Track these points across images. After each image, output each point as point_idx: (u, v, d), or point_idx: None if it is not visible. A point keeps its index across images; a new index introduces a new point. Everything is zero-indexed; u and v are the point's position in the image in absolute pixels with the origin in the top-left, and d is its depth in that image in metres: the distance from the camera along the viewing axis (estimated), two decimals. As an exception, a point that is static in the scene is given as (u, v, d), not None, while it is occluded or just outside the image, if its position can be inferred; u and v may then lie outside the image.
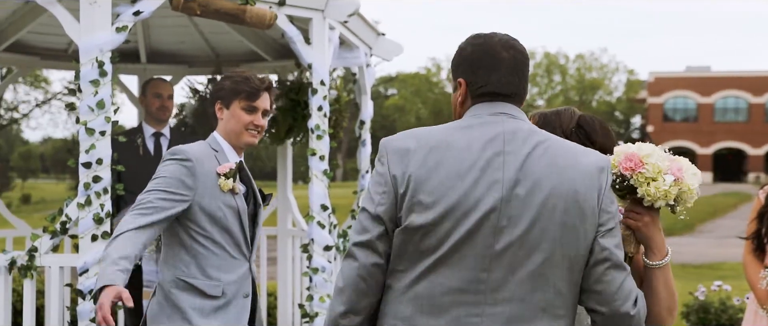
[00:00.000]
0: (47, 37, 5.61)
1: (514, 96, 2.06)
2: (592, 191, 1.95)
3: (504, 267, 1.92)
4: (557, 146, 1.99)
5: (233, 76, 3.06)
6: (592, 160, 2.00)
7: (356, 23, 4.95)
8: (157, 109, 4.89)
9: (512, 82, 2.05)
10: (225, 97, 3.03)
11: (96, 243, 3.73)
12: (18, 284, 5.36)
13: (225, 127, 3.04)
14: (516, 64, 2.06)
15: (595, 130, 2.35)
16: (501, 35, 2.09)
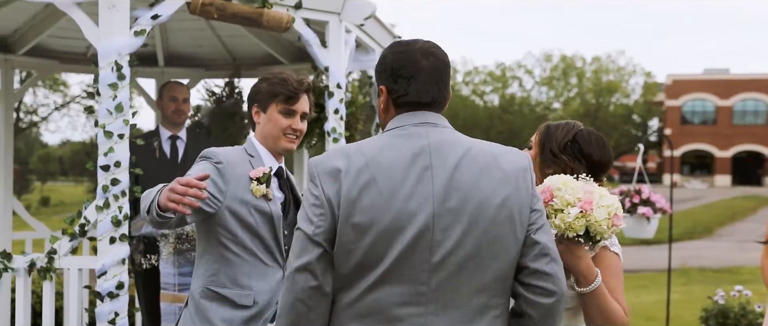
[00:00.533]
0: (66, 40, 5.66)
1: (434, 103, 2.11)
2: (518, 193, 2.02)
3: (442, 278, 1.97)
4: (481, 154, 2.04)
5: (270, 78, 2.92)
6: (514, 162, 2.06)
7: (372, 26, 4.95)
8: (173, 112, 4.91)
9: (431, 90, 2.10)
10: (262, 100, 2.91)
11: (114, 245, 3.75)
12: (37, 285, 5.42)
13: (262, 131, 2.92)
14: (435, 72, 2.10)
15: (591, 144, 2.44)
16: (422, 43, 2.13)
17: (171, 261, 4.13)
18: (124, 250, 3.77)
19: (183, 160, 4.90)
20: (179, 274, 4.13)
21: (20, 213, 5.76)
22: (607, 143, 2.49)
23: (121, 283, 3.75)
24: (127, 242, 3.82)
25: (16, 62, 5.70)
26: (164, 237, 4.11)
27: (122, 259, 3.76)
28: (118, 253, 3.75)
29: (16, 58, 5.63)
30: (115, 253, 3.74)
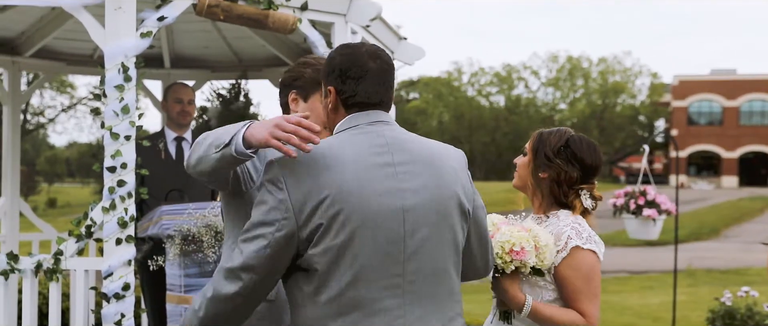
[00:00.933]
0: (73, 42, 5.68)
1: (381, 104, 2.19)
2: (464, 187, 2.19)
3: (414, 270, 2.08)
4: (434, 150, 2.19)
5: (314, 64, 2.62)
6: (459, 159, 2.24)
7: (378, 28, 4.95)
8: (178, 113, 4.92)
9: (379, 91, 2.17)
10: (304, 87, 2.62)
11: (120, 246, 3.76)
12: (44, 287, 5.44)
13: None
14: (382, 74, 2.17)
15: (582, 149, 2.54)
16: (368, 46, 2.21)
17: (177, 263, 4.13)
18: (130, 251, 3.78)
19: (188, 162, 4.91)
20: (185, 275, 4.14)
21: (27, 215, 5.79)
22: (598, 148, 2.59)
23: (128, 284, 3.76)
24: (133, 243, 3.83)
25: (23, 64, 5.72)
26: (170, 238, 4.11)
27: (128, 260, 3.77)
28: (124, 255, 3.76)
29: (23, 60, 5.65)
30: (122, 255, 3.75)
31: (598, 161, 2.56)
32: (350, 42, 2.28)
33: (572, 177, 2.52)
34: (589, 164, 2.54)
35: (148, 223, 4.26)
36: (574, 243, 2.44)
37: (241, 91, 5.76)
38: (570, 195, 2.54)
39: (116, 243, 3.75)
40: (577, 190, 2.54)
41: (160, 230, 4.14)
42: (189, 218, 4.07)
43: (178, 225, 4.07)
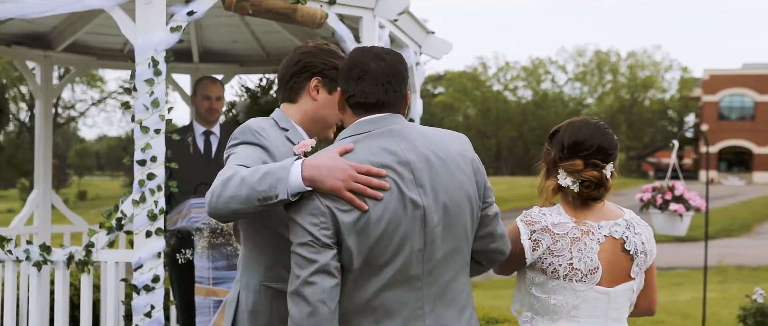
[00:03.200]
0: (103, 37, 5.74)
1: (380, 105, 2.18)
2: (474, 181, 2.23)
3: (431, 268, 2.14)
4: (444, 143, 2.21)
5: (344, 58, 2.45)
6: (464, 152, 2.24)
7: (406, 21, 4.94)
8: (206, 110, 4.95)
9: (376, 92, 2.18)
10: (335, 78, 2.44)
11: (150, 239, 3.80)
12: (75, 278, 5.52)
13: (316, 111, 2.46)
14: (382, 75, 2.17)
15: (566, 128, 2.48)
16: (377, 48, 2.24)
17: (206, 255, 4.17)
18: (159, 244, 3.82)
19: (217, 155, 4.94)
20: (214, 268, 4.17)
21: (59, 207, 5.87)
22: (598, 128, 2.45)
23: (157, 276, 3.80)
24: (163, 236, 3.86)
25: (55, 58, 5.80)
26: (199, 231, 4.15)
27: (158, 253, 3.81)
28: (154, 247, 3.80)
29: (54, 55, 5.73)
30: (151, 247, 3.79)
31: (580, 137, 2.42)
32: (365, 46, 2.29)
33: (552, 157, 2.47)
34: (568, 142, 2.43)
35: (177, 216, 4.31)
36: None
37: (271, 86, 5.78)
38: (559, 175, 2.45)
39: (146, 235, 3.80)
40: (559, 169, 2.45)
41: (188, 223, 4.18)
42: (217, 211, 4.10)
43: (206, 219, 4.10)
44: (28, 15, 3.90)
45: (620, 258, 2.43)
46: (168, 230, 4.40)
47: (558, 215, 2.44)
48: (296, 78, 2.47)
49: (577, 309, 2.42)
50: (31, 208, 5.73)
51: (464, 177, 2.18)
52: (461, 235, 2.19)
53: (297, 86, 2.47)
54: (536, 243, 2.42)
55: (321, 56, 2.47)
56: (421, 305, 2.13)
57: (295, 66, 2.48)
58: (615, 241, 2.43)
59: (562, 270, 2.40)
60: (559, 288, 2.43)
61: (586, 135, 2.43)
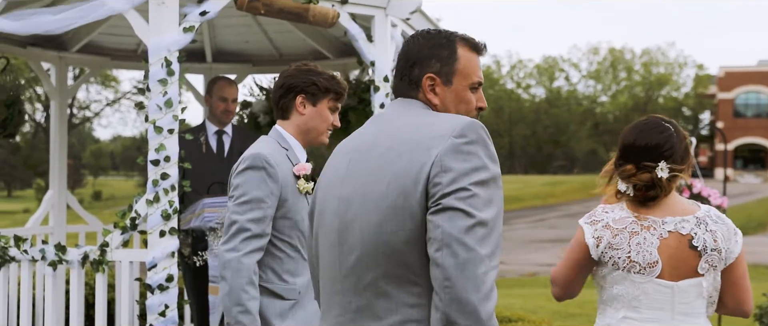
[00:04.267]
0: (117, 38, 5.77)
1: (396, 90, 2.05)
2: (418, 174, 1.84)
3: (352, 266, 1.92)
4: (400, 134, 1.91)
5: (322, 73, 2.94)
6: (429, 140, 1.86)
7: (418, 20, 4.94)
8: (222, 112, 4.95)
9: (395, 78, 2.07)
10: (315, 93, 2.92)
11: (164, 238, 3.81)
12: (90, 278, 5.55)
13: (306, 124, 2.94)
14: (399, 59, 2.08)
15: (627, 131, 2.56)
16: (417, 32, 2.09)
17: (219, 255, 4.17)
18: (173, 243, 3.84)
19: (229, 155, 4.95)
20: (227, 267, 4.18)
21: (74, 207, 5.90)
22: (646, 127, 2.51)
23: (171, 276, 3.81)
24: (177, 235, 3.88)
25: (70, 59, 5.83)
26: (212, 230, 4.16)
27: (172, 252, 3.83)
28: (167, 246, 3.81)
29: (69, 55, 5.76)
30: (165, 246, 3.81)
31: (628, 140, 2.52)
32: None
33: (615, 163, 2.57)
34: (620, 146, 2.54)
35: (190, 216, 4.32)
36: None
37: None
38: (621, 181, 2.56)
39: (160, 235, 3.81)
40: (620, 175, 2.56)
41: (202, 223, 4.19)
42: (230, 211, 4.11)
43: (220, 218, 4.11)
44: (52, 30, 3.95)
45: (686, 254, 2.48)
46: (181, 230, 4.42)
47: (620, 211, 2.55)
48: (284, 99, 2.94)
49: (638, 300, 2.51)
50: (47, 208, 5.76)
51: (401, 168, 1.83)
52: (383, 232, 1.83)
53: (286, 105, 2.94)
54: (598, 240, 2.53)
55: (300, 76, 2.92)
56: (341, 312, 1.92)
57: (281, 89, 2.94)
58: (681, 237, 2.48)
59: (621, 262, 2.50)
60: (620, 279, 2.53)
61: (633, 137, 2.51)
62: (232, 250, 2.71)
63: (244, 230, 2.72)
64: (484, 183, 1.80)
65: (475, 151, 1.82)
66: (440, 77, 2.00)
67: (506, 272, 15.04)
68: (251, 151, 2.82)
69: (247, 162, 2.79)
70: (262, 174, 2.77)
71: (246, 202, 2.74)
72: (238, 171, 2.81)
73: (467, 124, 1.86)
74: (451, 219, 1.75)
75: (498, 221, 1.81)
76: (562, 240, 19.63)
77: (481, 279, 1.74)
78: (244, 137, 5.08)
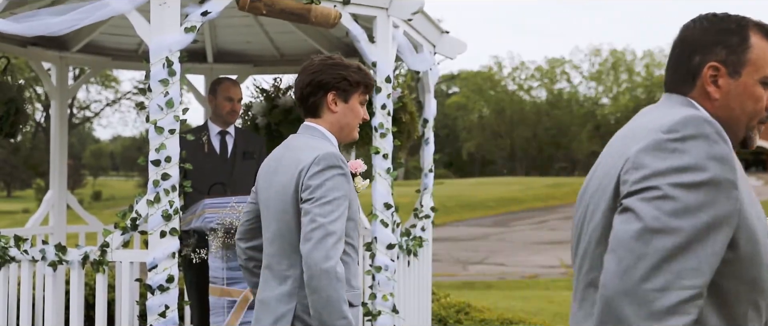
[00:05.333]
0: (118, 37, 5.76)
1: (667, 84, 1.89)
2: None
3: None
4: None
5: (350, 66, 2.76)
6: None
7: (420, 21, 4.92)
8: (228, 112, 4.92)
9: (668, 70, 1.90)
10: (346, 88, 2.73)
11: (165, 239, 3.80)
12: (90, 278, 5.54)
13: (339, 120, 2.75)
14: (674, 47, 1.89)
15: None
16: (700, 15, 1.93)
17: (220, 255, 4.16)
18: (174, 244, 3.82)
19: (232, 156, 4.94)
20: (228, 268, 4.17)
21: (74, 207, 5.89)
22: None
23: (172, 276, 3.80)
24: (178, 236, 3.86)
25: (70, 59, 5.82)
26: (213, 231, 4.15)
27: (173, 253, 3.82)
28: (168, 247, 3.80)
29: (69, 55, 5.75)
30: (166, 247, 3.79)
31: None
32: None
33: None
34: None
35: (191, 216, 4.31)
36: None
37: (288, 89, 5.76)
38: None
39: (161, 235, 3.80)
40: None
41: (203, 223, 4.18)
42: (232, 211, 4.10)
43: (221, 219, 4.10)
44: (54, 32, 3.94)
45: None
46: (183, 231, 4.40)
47: None
48: (313, 97, 2.73)
49: None
50: (47, 208, 5.75)
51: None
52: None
53: (316, 104, 2.74)
54: None
55: (329, 72, 2.72)
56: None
57: (309, 86, 2.73)
58: None
59: None
60: None
61: None
62: (326, 258, 2.44)
63: (331, 234, 2.47)
64: (691, 187, 1.55)
65: (685, 148, 1.57)
66: (726, 67, 1.75)
67: (507, 274, 15.02)
68: (323, 151, 2.60)
69: (323, 162, 2.56)
70: (341, 174, 2.57)
71: (328, 202, 2.50)
72: (315, 172, 2.55)
73: (683, 118, 1.62)
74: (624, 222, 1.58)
75: (699, 235, 1.53)
76: (563, 243, 19.60)
77: None
78: (247, 138, 5.06)
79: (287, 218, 2.59)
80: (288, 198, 2.58)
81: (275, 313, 2.58)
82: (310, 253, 2.44)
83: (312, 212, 2.49)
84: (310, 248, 2.45)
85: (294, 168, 2.59)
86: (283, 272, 2.60)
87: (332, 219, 2.48)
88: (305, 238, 2.48)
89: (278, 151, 2.75)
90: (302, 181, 2.54)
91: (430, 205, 5.31)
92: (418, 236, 5.11)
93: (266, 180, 2.71)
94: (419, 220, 5.25)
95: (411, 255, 5.01)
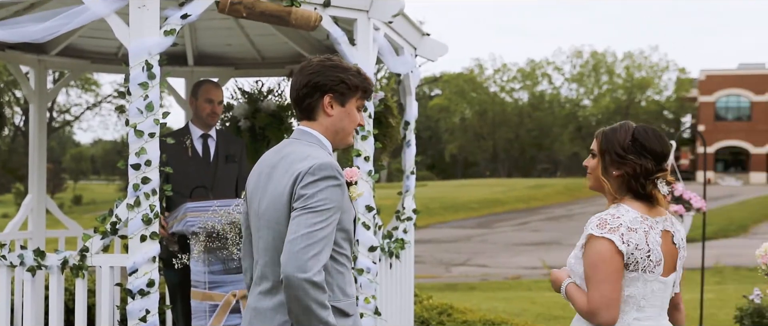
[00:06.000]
0: (97, 41, 5.72)
1: None
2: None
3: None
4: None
5: (349, 69, 2.66)
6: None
7: (401, 23, 4.93)
8: (208, 114, 4.91)
9: None
10: (344, 92, 2.63)
11: (145, 243, 3.78)
12: (70, 283, 5.50)
13: (335, 125, 2.64)
14: None
15: (650, 138, 2.61)
16: None
17: (202, 259, 4.15)
18: (154, 248, 3.80)
19: (215, 159, 4.92)
20: (210, 272, 4.15)
21: (53, 212, 5.84)
22: (663, 135, 2.65)
23: (152, 281, 3.78)
24: (158, 240, 3.84)
25: (49, 62, 5.77)
26: (195, 235, 4.13)
27: (153, 257, 3.80)
28: (149, 251, 3.78)
29: (48, 59, 5.71)
30: (146, 251, 3.77)
31: (666, 147, 2.65)
32: None
33: (647, 169, 2.60)
34: (659, 152, 2.61)
35: (173, 221, 4.29)
36: (589, 232, 2.56)
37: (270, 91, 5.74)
38: (648, 186, 2.61)
39: (141, 240, 3.78)
40: (653, 180, 2.61)
41: (184, 227, 4.16)
42: (214, 215, 4.08)
43: (203, 222, 4.08)
44: (36, 39, 3.92)
45: (671, 250, 2.65)
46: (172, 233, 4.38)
47: (630, 212, 2.59)
48: (309, 99, 2.63)
49: (645, 299, 2.60)
50: (26, 213, 5.70)
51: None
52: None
53: (312, 106, 2.63)
54: (628, 244, 2.55)
55: (327, 74, 2.62)
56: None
57: (306, 88, 2.63)
58: (667, 234, 2.64)
59: (642, 262, 2.56)
60: (633, 280, 2.58)
61: (660, 145, 2.62)
62: (302, 269, 2.37)
63: (313, 244, 2.40)
64: None
65: None
66: None
67: (490, 275, 15.07)
68: (319, 161, 2.51)
69: (319, 172, 2.48)
70: (335, 185, 2.49)
71: (316, 212, 2.43)
72: (309, 182, 2.47)
73: None
74: None
75: None
76: (545, 244, 19.70)
77: None
78: (229, 141, 5.05)
79: (280, 228, 2.51)
80: (281, 207, 2.51)
81: (271, 323, 2.54)
82: (288, 262, 2.38)
83: (297, 220, 2.43)
84: (287, 257, 2.39)
85: (289, 177, 2.51)
86: (277, 281, 2.53)
87: (317, 229, 2.40)
88: (286, 245, 2.42)
89: (272, 157, 2.65)
90: (296, 191, 2.48)
91: (412, 207, 5.32)
92: (400, 238, 5.12)
93: (259, 187, 2.62)
94: (401, 222, 5.26)
95: (393, 257, 5.01)
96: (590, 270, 2.54)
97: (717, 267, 14.15)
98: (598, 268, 2.53)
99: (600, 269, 2.52)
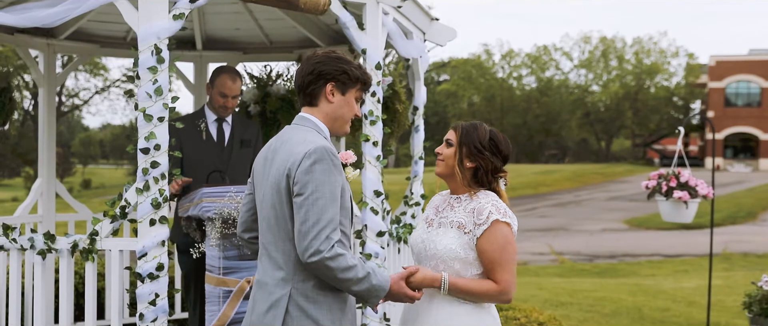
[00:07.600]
0: (106, 25, 5.72)
1: None
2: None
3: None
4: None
5: (352, 62, 2.89)
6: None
7: (410, 8, 4.91)
8: (219, 107, 4.89)
9: None
10: (346, 82, 2.85)
11: (154, 227, 3.79)
12: (80, 267, 5.53)
13: (334, 112, 2.85)
14: None
15: (501, 142, 2.97)
16: None
17: (217, 245, 4.16)
18: (164, 232, 3.82)
19: (229, 143, 4.91)
20: (224, 258, 4.17)
21: (63, 196, 5.87)
22: (509, 141, 3.04)
23: (161, 265, 3.80)
24: (166, 224, 3.86)
25: (58, 46, 5.78)
26: (210, 220, 4.14)
27: (162, 241, 3.81)
28: (158, 235, 3.79)
29: (57, 43, 5.71)
30: (155, 235, 3.79)
31: (510, 152, 3.03)
32: None
33: (496, 166, 2.95)
34: (507, 154, 2.99)
35: (188, 204, 4.29)
36: (494, 217, 2.80)
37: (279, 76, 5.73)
38: (493, 181, 2.96)
39: (150, 223, 3.79)
40: (497, 177, 2.96)
41: (200, 212, 4.17)
42: (229, 201, 4.08)
43: (218, 208, 4.09)
44: (46, 24, 3.94)
45: None
46: (181, 217, 4.39)
47: (498, 200, 2.92)
48: (313, 85, 2.85)
49: None
50: (36, 197, 5.73)
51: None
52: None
53: (315, 92, 2.86)
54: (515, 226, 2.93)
55: (332, 64, 2.86)
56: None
57: (310, 75, 2.86)
58: None
59: None
60: None
61: (508, 149, 2.99)
62: (318, 252, 2.60)
63: (324, 228, 2.61)
64: None
65: None
66: None
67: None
68: (313, 145, 2.69)
69: (314, 155, 2.66)
70: (331, 166, 2.67)
71: (318, 197, 2.62)
72: (306, 167, 2.65)
73: None
74: None
75: None
76: (553, 229, 19.68)
77: None
78: (244, 125, 5.03)
79: (281, 208, 2.72)
80: (281, 189, 2.71)
81: (272, 296, 2.74)
82: (304, 251, 2.61)
83: (304, 207, 2.63)
84: (303, 246, 2.61)
85: (287, 161, 2.71)
86: (278, 258, 2.75)
87: (322, 212, 2.62)
88: (298, 233, 2.63)
89: (275, 142, 2.85)
90: (294, 175, 2.67)
91: (421, 193, 5.33)
92: (408, 223, 5.12)
93: (262, 170, 2.84)
94: (409, 208, 5.26)
95: (401, 242, 5.02)
96: (499, 252, 2.79)
97: (725, 254, 14.12)
98: (506, 250, 2.80)
99: (508, 250, 2.81)
